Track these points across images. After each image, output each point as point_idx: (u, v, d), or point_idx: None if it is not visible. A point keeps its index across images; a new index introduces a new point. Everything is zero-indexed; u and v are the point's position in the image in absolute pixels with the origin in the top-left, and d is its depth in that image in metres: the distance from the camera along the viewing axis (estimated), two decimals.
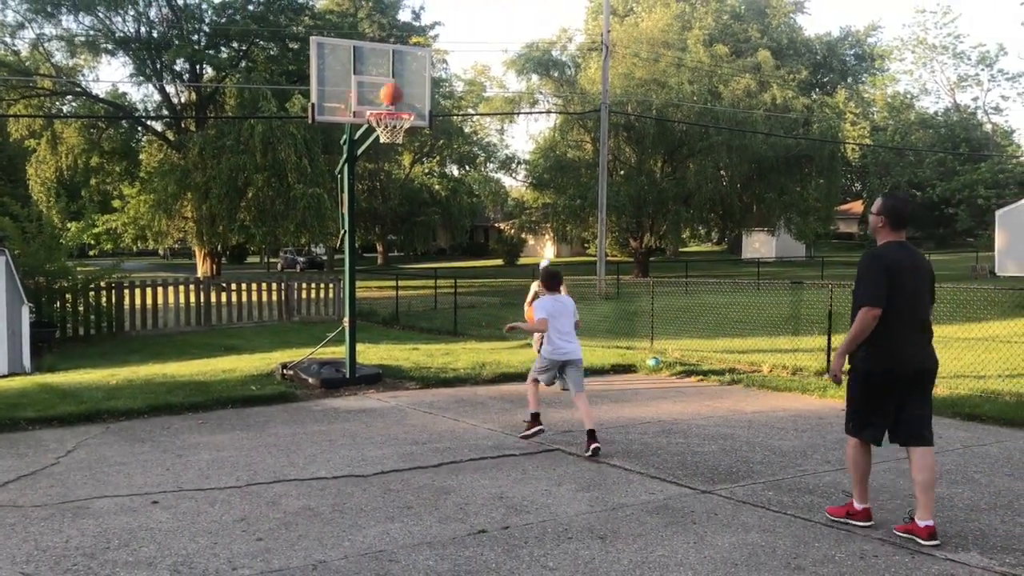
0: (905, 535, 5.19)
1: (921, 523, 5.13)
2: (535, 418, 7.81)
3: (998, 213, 36.34)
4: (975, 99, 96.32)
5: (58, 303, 17.77)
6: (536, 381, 7.97)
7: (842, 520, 5.44)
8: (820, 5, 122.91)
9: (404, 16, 52.85)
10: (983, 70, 70.32)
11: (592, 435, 7.30)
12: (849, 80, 70.36)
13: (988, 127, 70.34)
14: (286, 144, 29.63)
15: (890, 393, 5.21)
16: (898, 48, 73.24)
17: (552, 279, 8.00)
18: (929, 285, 5.31)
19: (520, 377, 11.60)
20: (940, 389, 10.04)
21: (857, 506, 5.43)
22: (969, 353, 12.74)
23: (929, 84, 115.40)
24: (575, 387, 7.69)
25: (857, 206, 67.16)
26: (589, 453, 7.21)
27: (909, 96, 73.68)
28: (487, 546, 5.13)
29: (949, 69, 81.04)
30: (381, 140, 10.13)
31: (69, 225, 22.05)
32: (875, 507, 5.59)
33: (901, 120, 68.60)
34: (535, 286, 10.70)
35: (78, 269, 19.04)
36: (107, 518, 5.67)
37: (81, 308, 18.12)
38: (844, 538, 5.23)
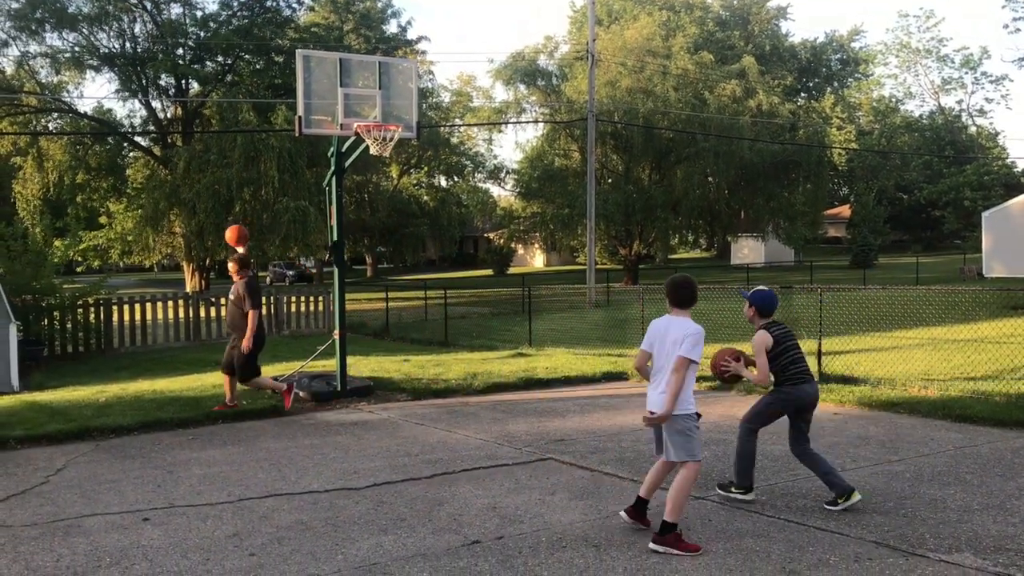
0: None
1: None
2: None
3: (984, 215, 36.53)
4: (959, 102, 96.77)
5: (46, 321, 17.65)
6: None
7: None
8: (803, 11, 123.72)
9: (390, 29, 52.93)
10: (967, 73, 70.84)
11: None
12: (835, 85, 70.77)
13: (973, 130, 70.82)
14: (270, 157, 29.59)
15: None
16: (882, 52, 73.60)
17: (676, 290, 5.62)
18: None
19: (511, 387, 11.58)
20: (931, 391, 10.08)
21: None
22: (959, 354, 12.79)
23: (913, 88, 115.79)
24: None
25: (845, 210, 67.42)
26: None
27: (894, 100, 74.13)
28: (481, 557, 5.11)
29: (933, 72, 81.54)
30: (371, 152, 10.11)
31: (56, 243, 21.96)
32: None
33: (887, 124, 68.98)
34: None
35: (65, 286, 18.94)
36: (98, 536, 5.63)
37: (69, 325, 18.00)
38: (838, 542, 5.23)
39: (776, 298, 6.26)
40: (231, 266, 9.90)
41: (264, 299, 21.32)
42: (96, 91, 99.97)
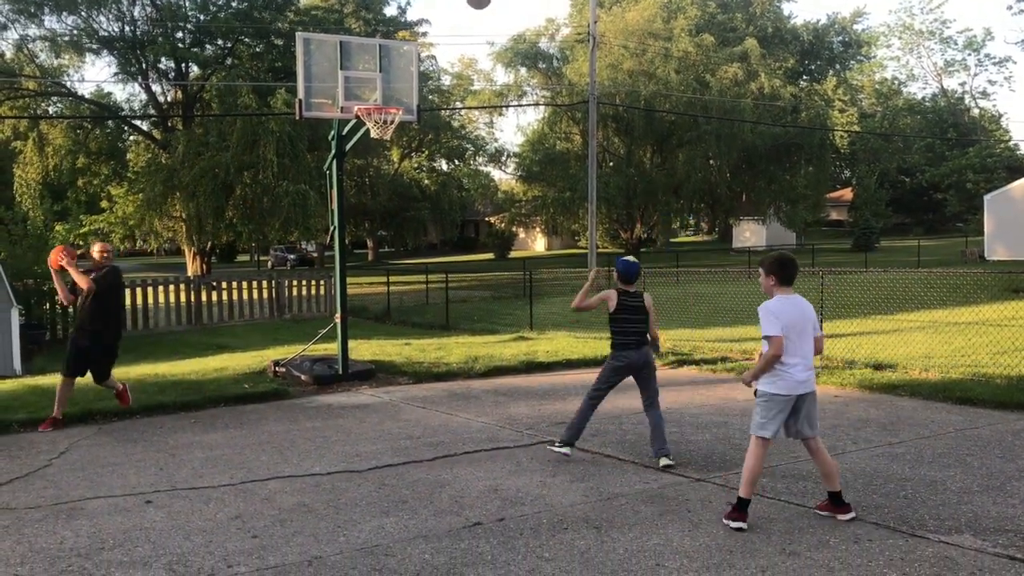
0: None
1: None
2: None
3: (987, 198, 36.46)
4: (962, 84, 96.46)
5: (47, 305, 17.68)
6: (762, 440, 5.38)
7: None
8: None
9: (390, 11, 52.69)
10: (970, 55, 70.51)
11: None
12: (837, 67, 70.50)
13: (975, 112, 70.55)
14: (269, 141, 29.52)
15: None
16: (884, 34, 73.24)
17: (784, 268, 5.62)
18: None
19: (513, 370, 11.60)
20: (932, 374, 10.08)
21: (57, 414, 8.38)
22: (960, 337, 12.80)
23: (916, 70, 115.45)
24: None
25: (847, 193, 67.36)
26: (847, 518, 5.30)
27: (897, 82, 73.85)
28: (482, 538, 5.13)
29: (936, 55, 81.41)
30: (372, 135, 10.10)
31: (57, 227, 21.97)
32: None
33: (889, 106, 68.75)
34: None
35: None
36: (101, 518, 5.65)
37: (71, 309, 18.03)
38: (838, 523, 5.25)
39: (634, 268, 6.89)
40: (100, 249, 8.90)
41: (266, 283, 21.41)
42: (96, 75, 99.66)
